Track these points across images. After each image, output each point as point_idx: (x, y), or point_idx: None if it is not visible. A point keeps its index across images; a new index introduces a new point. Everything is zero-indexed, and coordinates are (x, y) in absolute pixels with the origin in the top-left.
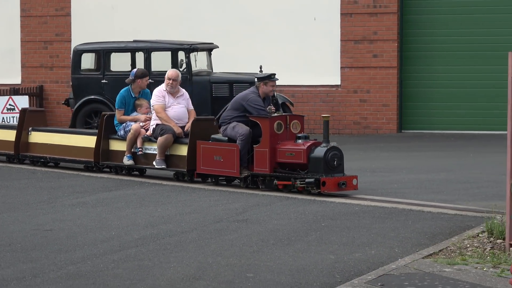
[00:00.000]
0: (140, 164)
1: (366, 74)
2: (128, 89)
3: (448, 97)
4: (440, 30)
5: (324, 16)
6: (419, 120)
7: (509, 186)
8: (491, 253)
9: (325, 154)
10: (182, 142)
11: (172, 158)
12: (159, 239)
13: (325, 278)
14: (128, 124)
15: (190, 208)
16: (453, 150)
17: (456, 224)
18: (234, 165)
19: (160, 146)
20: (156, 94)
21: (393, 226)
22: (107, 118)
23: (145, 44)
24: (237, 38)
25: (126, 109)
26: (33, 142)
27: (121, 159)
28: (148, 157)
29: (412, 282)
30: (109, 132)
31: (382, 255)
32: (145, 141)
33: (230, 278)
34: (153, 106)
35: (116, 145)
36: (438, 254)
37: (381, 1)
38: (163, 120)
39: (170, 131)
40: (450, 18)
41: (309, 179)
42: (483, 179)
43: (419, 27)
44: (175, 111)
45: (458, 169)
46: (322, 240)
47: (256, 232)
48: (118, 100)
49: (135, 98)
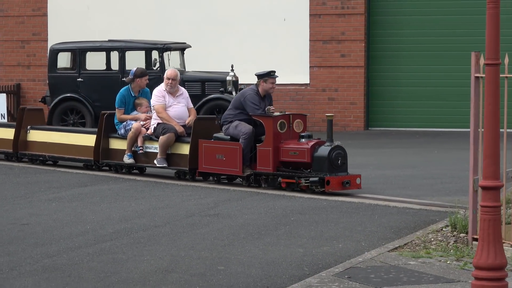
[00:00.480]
0: (141, 162)
1: (334, 73)
2: (127, 88)
3: (413, 96)
4: (406, 30)
5: (294, 17)
6: (385, 118)
7: (472, 182)
8: (454, 246)
9: (329, 153)
10: (183, 141)
11: (174, 157)
12: (132, 233)
13: (294, 270)
14: (129, 123)
15: (163, 203)
16: (418, 147)
17: (420, 218)
18: (237, 164)
19: (162, 145)
20: (156, 94)
21: (360, 220)
22: (107, 117)
23: (120, 43)
24: (209, 38)
25: (126, 108)
26: (31, 141)
27: (121, 157)
28: (149, 155)
29: (378, 275)
30: (109, 131)
31: (349, 249)
32: (146, 140)
33: (201, 271)
34: (154, 106)
35: (116, 144)
36: (403, 247)
37: (349, 2)
38: (164, 120)
39: (172, 130)
40: (415, 19)
41: (313, 178)
42: (447, 175)
43: (386, 28)
44: (176, 111)
45: (423, 165)
46: (291, 234)
47: (227, 226)
48: (118, 99)
49: (135, 97)
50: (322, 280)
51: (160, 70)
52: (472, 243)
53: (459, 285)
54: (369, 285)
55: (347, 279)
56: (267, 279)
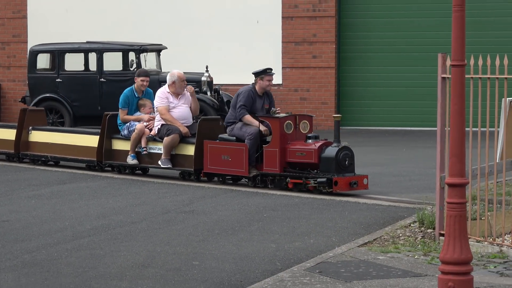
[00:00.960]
0: (144, 163)
1: (306, 74)
2: (131, 89)
3: (382, 96)
4: (375, 33)
5: (267, 19)
6: (355, 117)
7: (439, 179)
8: (422, 241)
9: (336, 154)
10: (188, 142)
11: (178, 158)
12: (110, 229)
13: (266, 265)
14: (132, 124)
15: (140, 200)
16: (387, 146)
17: (389, 214)
18: (243, 164)
19: (166, 146)
20: (159, 96)
21: (331, 216)
22: (110, 118)
23: (98, 45)
24: (184, 40)
25: (130, 108)
26: (33, 141)
27: (124, 158)
28: (153, 156)
29: (348, 269)
30: (112, 131)
31: (320, 244)
32: (150, 141)
33: (177, 266)
34: (157, 108)
35: (119, 145)
36: (372, 242)
37: (320, 5)
38: (168, 121)
39: (177, 131)
40: (384, 21)
41: (321, 178)
42: (415, 172)
43: (356, 30)
44: (180, 111)
45: (392, 163)
46: (264, 230)
47: (202, 222)
48: (121, 100)
49: (138, 98)
50: (294, 274)
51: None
52: (439, 238)
53: (426, 279)
54: (339, 279)
55: (318, 273)
56: (240, 274)
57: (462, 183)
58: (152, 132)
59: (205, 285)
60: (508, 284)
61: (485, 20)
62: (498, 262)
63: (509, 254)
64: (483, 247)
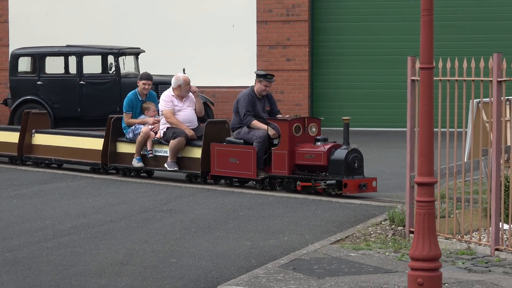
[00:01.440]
0: (150, 166)
1: (280, 76)
2: (135, 93)
3: (354, 97)
4: (347, 36)
5: (242, 24)
6: (328, 118)
7: (408, 178)
8: (392, 239)
9: (346, 156)
10: (194, 145)
11: (184, 160)
12: (90, 228)
13: (242, 262)
14: (137, 127)
15: (119, 199)
16: (359, 146)
17: (361, 213)
18: (251, 167)
19: (173, 149)
20: (164, 99)
21: (304, 215)
22: (114, 121)
23: (77, 48)
24: (162, 43)
25: (134, 112)
26: (36, 144)
27: (129, 161)
28: (158, 159)
29: (321, 266)
30: (117, 134)
31: (294, 241)
32: (155, 144)
33: (155, 263)
34: (162, 111)
35: (124, 148)
36: (344, 240)
37: (293, 10)
38: (174, 125)
39: (183, 134)
40: (356, 25)
41: (330, 181)
42: (386, 172)
43: (328, 33)
44: (185, 114)
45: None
46: (240, 228)
47: (179, 221)
48: (125, 103)
49: (142, 101)
50: (268, 271)
51: (116, 74)
52: (409, 235)
53: (397, 275)
54: (312, 275)
55: (291, 270)
56: (216, 271)
57: (430, 182)
58: (157, 135)
59: (182, 282)
60: (476, 280)
61: (453, 24)
62: (466, 258)
63: (476, 250)
64: (452, 244)
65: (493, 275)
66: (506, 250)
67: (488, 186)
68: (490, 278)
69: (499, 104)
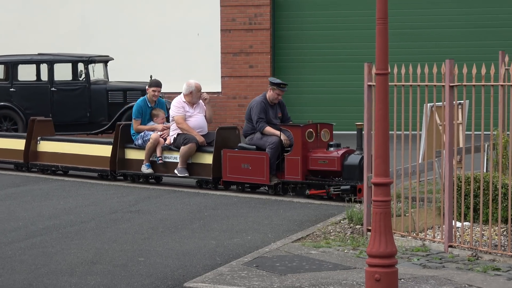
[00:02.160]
0: (159, 172)
1: (243, 82)
2: (144, 99)
3: (314, 102)
4: (307, 44)
5: (207, 32)
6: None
7: (366, 179)
8: (351, 237)
9: (360, 161)
10: (205, 151)
11: (194, 166)
12: (61, 229)
13: (207, 260)
14: (147, 133)
15: (89, 201)
16: None
17: (321, 212)
18: (264, 173)
19: (183, 155)
20: (175, 105)
21: (267, 214)
22: (123, 128)
23: (48, 56)
24: (130, 51)
25: (143, 118)
26: (42, 151)
27: (138, 167)
28: (168, 165)
29: (283, 263)
30: (125, 141)
31: (257, 240)
32: (165, 150)
33: (124, 262)
34: (173, 117)
35: (133, 154)
36: (305, 238)
37: (256, 19)
38: (185, 130)
39: (194, 141)
40: (315, 34)
41: (344, 186)
42: None
43: (289, 41)
44: (196, 121)
45: None
46: (205, 227)
47: (147, 221)
48: (135, 110)
49: (151, 108)
50: (232, 269)
51: (86, 81)
52: (367, 233)
53: (355, 272)
54: (274, 272)
55: (255, 267)
56: (183, 269)
57: (386, 182)
58: (167, 141)
59: (150, 279)
60: (430, 275)
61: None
62: (421, 255)
63: (431, 247)
64: (407, 241)
65: (446, 271)
66: (459, 247)
67: (441, 186)
68: (444, 273)
69: (451, 108)
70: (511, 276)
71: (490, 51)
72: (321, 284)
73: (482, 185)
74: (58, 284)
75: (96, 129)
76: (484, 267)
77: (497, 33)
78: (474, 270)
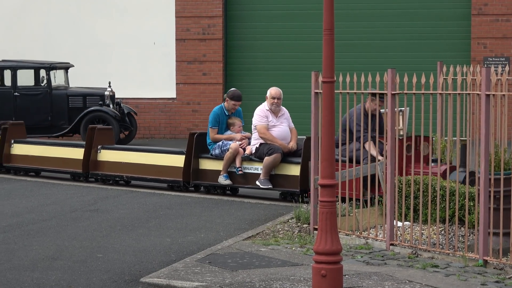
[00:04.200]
0: (237, 183)
1: (197, 89)
2: (221, 107)
3: None
4: (258, 53)
5: (162, 41)
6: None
7: (313, 180)
8: (298, 235)
9: (464, 179)
10: (290, 162)
11: (277, 178)
12: (23, 226)
13: (162, 257)
14: (226, 143)
15: (50, 200)
16: None
17: (270, 212)
18: (358, 186)
19: (267, 166)
20: (259, 114)
21: (219, 214)
22: (198, 137)
23: (12, 63)
24: (89, 58)
25: (220, 127)
26: (102, 160)
27: (213, 178)
28: (247, 176)
29: (234, 260)
30: (199, 151)
31: (210, 238)
32: (244, 161)
33: (83, 258)
34: (256, 126)
35: (208, 164)
36: (255, 236)
37: (209, 29)
38: (268, 140)
39: (279, 151)
40: (266, 43)
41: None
42: None
43: (241, 50)
44: (279, 131)
45: None
46: (161, 226)
47: (105, 219)
48: (211, 118)
49: (228, 117)
50: (186, 265)
51: (47, 86)
52: (313, 232)
53: (302, 268)
54: (226, 268)
55: (208, 264)
56: (139, 265)
57: (332, 184)
58: (247, 151)
59: (108, 274)
60: (373, 272)
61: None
62: (364, 252)
63: (374, 245)
64: (351, 239)
65: (388, 267)
66: (400, 245)
67: (383, 188)
68: (386, 270)
69: (393, 114)
70: (449, 272)
71: (429, 62)
72: (270, 280)
73: (422, 187)
74: (21, 279)
75: (57, 132)
76: (423, 264)
77: (436, 45)
78: (414, 267)
